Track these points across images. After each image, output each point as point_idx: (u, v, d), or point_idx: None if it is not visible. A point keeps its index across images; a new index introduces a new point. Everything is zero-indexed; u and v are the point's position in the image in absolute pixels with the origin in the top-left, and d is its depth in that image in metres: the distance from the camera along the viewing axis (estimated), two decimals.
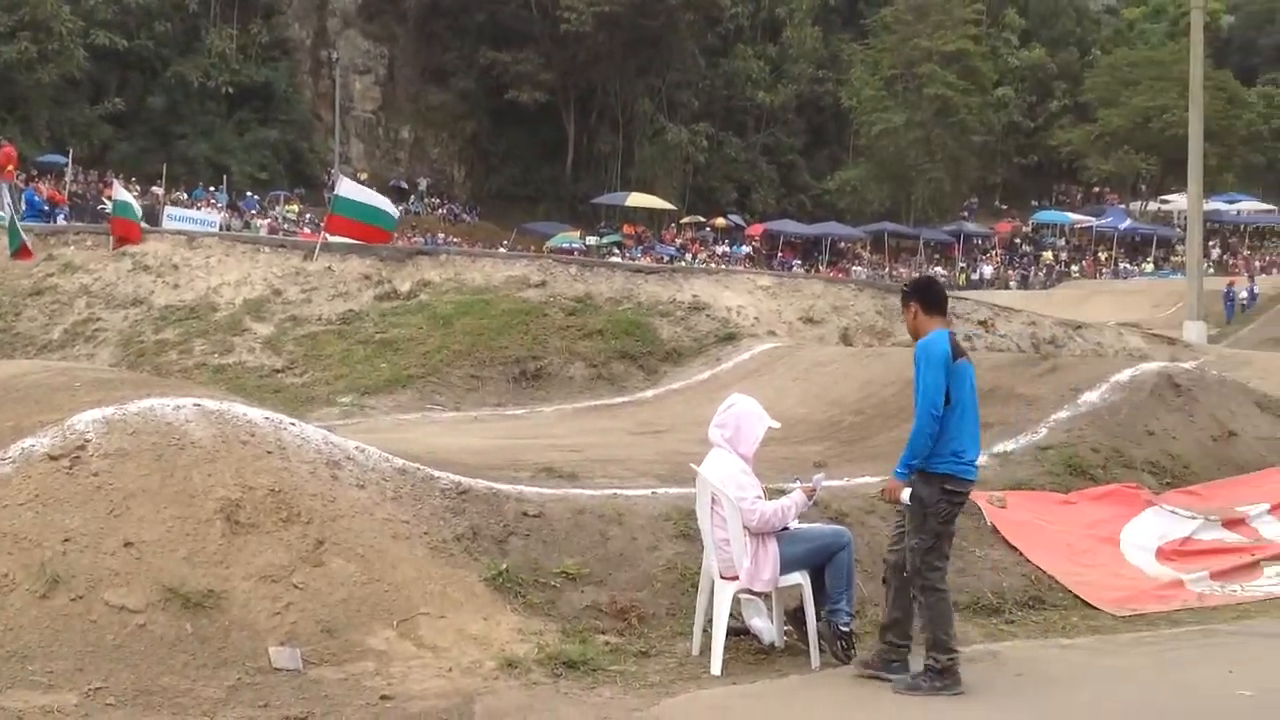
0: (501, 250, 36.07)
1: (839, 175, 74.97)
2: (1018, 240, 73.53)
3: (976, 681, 6.70)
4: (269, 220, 51.37)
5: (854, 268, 64.56)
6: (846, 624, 7.05)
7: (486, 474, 8.60)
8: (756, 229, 68.74)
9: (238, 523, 6.75)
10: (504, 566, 7.35)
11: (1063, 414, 11.17)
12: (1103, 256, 70.16)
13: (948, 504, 6.56)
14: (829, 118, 78.59)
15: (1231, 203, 73.20)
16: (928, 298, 6.96)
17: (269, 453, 7.27)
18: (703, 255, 61.40)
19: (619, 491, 8.68)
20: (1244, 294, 41.13)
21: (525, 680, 6.44)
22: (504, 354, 17.30)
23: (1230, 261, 66.17)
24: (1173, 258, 64.01)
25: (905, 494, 6.57)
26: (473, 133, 68.82)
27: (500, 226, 62.59)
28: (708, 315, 18.71)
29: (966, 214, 76.47)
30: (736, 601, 7.07)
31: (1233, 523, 9.90)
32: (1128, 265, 67.96)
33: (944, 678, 6.48)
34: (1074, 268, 67.93)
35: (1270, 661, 7.35)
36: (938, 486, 6.54)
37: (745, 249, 65.20)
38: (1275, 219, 74.02)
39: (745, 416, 7.05)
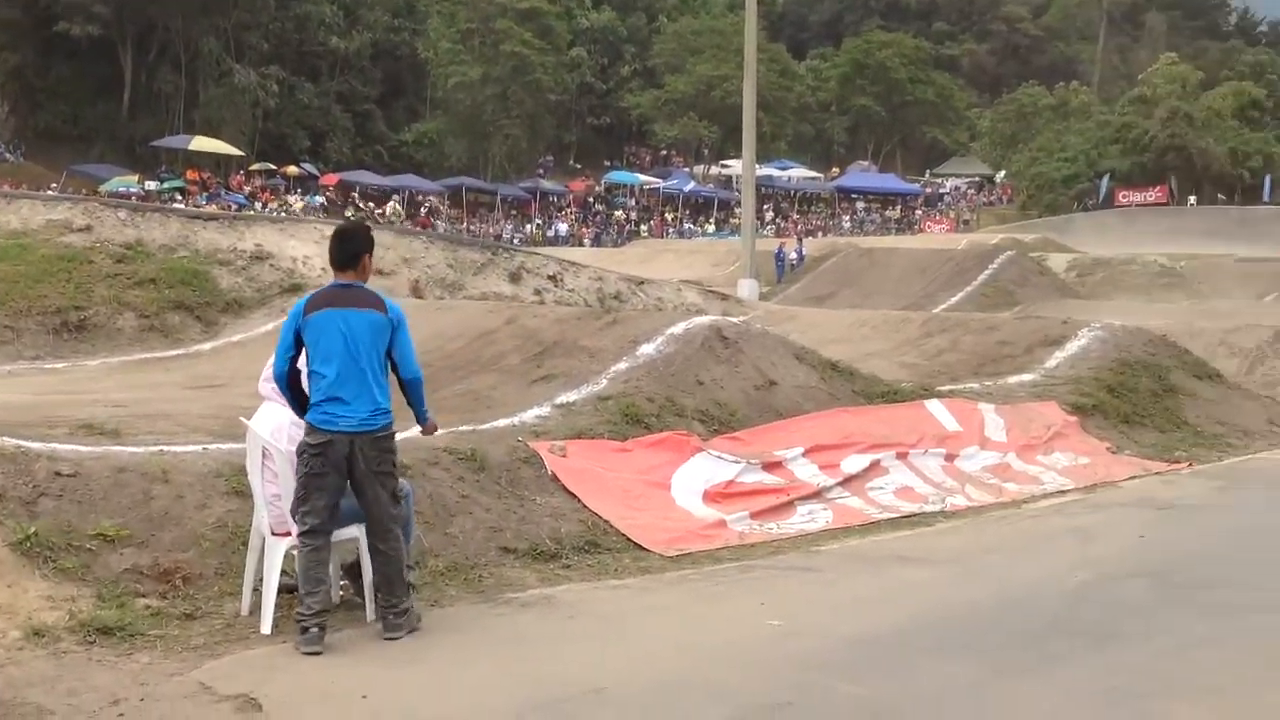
0: (48, 193, 33.17)
1: (416, 127, 74.36)
2: (591, 199, 75.74)
3: (528, 624, 6.83)
4: None
5: (435, 222, 64.36)
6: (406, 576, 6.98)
7: (16, 431, 7.90)
8: (331, 179, 67.09)
9: None
10: (32, 530, 6.79)
11: (622, 365, 11.55)
12: (669, 217, 73.51)
13: (306, 452, 6.53)
14: (406, 68, 77.68)
15: (784, 169, 78.59)
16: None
17: None
18: (274, 204, 59.26)
19: (166, 448, 8.21)
20: (793, 255, 44.10)
21: (54, 649, 6.02)
22: (42, 304, 15.97)
23: (782, 224, 71.05)
24: (732, 220, 67.86)
25: None
26: (16, 65, 62.86)
27: (48, 168, 57.87)
28: (271, 265, 18.05)
29: (542, 172, 77.96)
30: (290, 558, 6.84)
31: (771, 465, 10.59)
32: (691, 226, 71.62)
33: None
34: (643, 227, 70.77)
35: (797, 593, 7.94)
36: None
37: (319, 199, 63.49)
38: (821, 185, 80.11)
39: None
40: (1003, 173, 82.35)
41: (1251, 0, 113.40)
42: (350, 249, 6.82)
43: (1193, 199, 72.28)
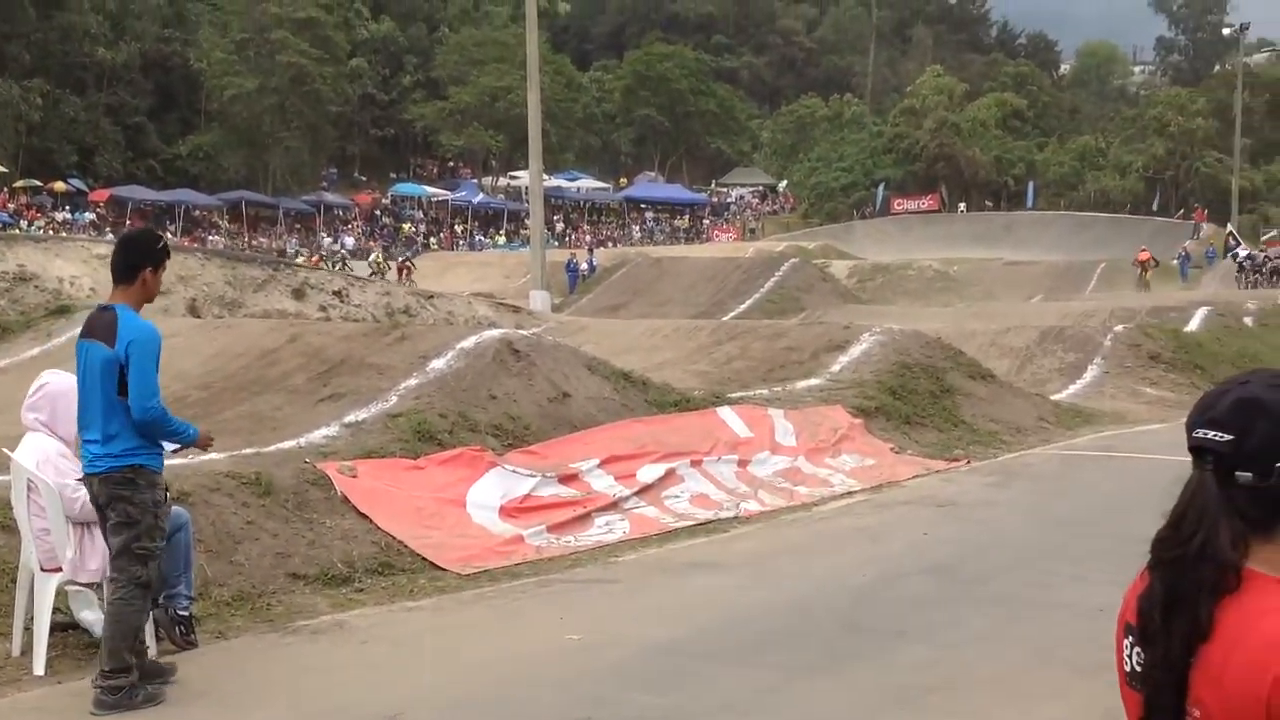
0: None
1: (191, 140, 71.92)
2: (378, 212, 74.58)
3: (320, 653, 6.63)
4: None
5: (210, 237, 62.32)
6: (185, 608, 6.71)
7: None
8: (101, 194, 64.25)
9: None
10: None
11: (412, 381, 11.35)
12: (459, 229, 72.97)
13: None
14: (178, 79, 74.99)
15: (572, 180, 78.99)
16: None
17: None
18: (40, 222, 56.40)
19: None
20: (585, 265, 44.36)
21: None
22: None
23: (572, 235, 71.35)
24: (523, 231, 67.79)
25: None
26: None
27: None
28: (36, 286, 17.12)
29: (326, 185, 76.40)
30: (62, 594, 6.47)
31: (567, 478, 10.56)
32: (482, 238, 71.23)
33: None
34: (433, 240, 70.05)
35: (596, 605, 7.92)
36: None
37: (89, 215, 60.72)
38: (610, 196, 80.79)
39: (61, 396, 6.43)
40: (784, 182, 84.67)
41: (1011, 14, 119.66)
42: (127, 260, 6.01)
43: (962, 206, 75.71)
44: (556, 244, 61.43)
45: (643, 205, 79.96)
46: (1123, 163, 74.38)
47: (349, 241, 66.18)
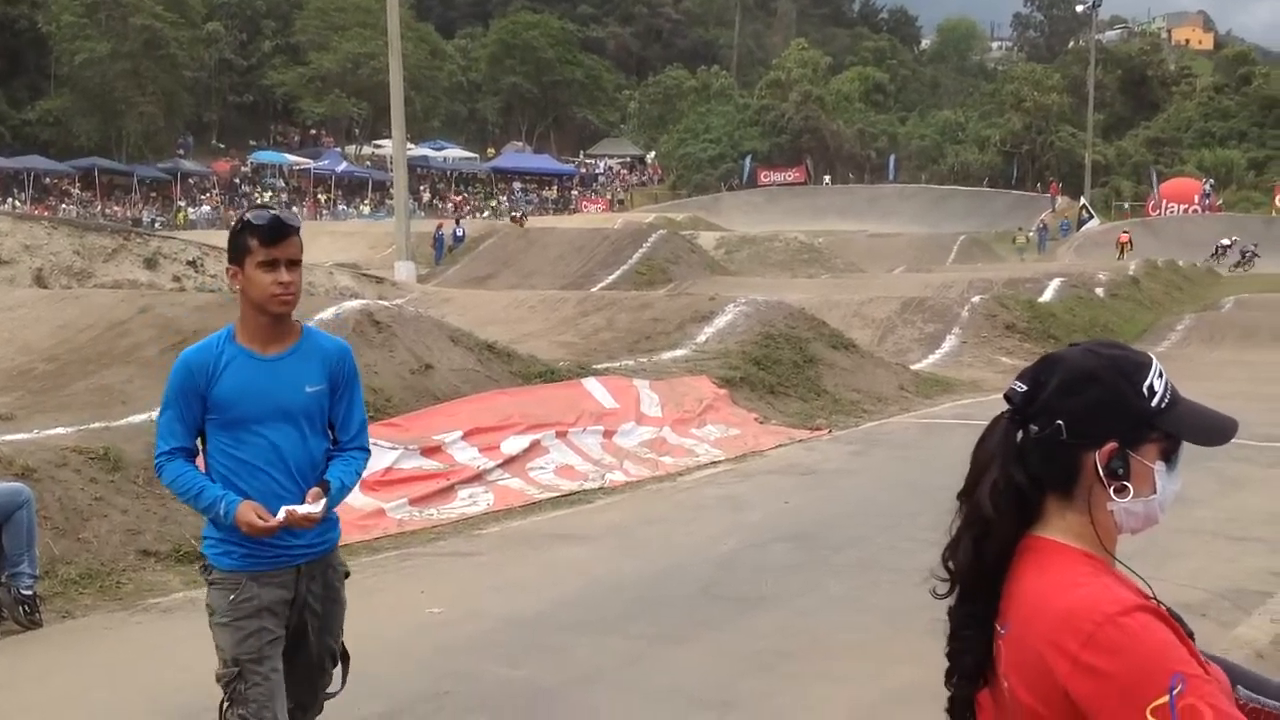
0: None
1: (40, 105, 69.25)
2: (237, 180, 72.77)
3: (171, 631, 6.45)
4: None
5: (62, 205, 60.17)
6: (29, 587, 6.52)
7: None
8: None
9: None
10: None
11: None
12: (322, 198, 71.59)
13: None
14: (26, 43, 72.06)
15: (439, 149, 77.99)
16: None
17: None
18: None
19: None
20: (452, 235, 43.81)
21: None
22: None
23: (439, 205, 70.51)
24: (388, 200, 66.80)
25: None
26: None
27: None
28: None
29: (182, 152, 74.26)
30: None
31: (430, 450, 10.43)
32: (345, 207, 69.98)
33: None
34: (295, 209, 68.58)
35: (458, 578, 7.85)
36: None
37: None
38: (478, 165, 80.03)
39: None
40: (653, 153, 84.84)
41: None
42: None
43: (828, 178, 76.71)
44: (423, 214, 60.62)
45: (511, 175, 79.40)
46: (981, 137, 76.12)
47: (206, 210, 64.49)
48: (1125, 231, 46.02)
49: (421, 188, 71.19)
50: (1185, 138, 71.53)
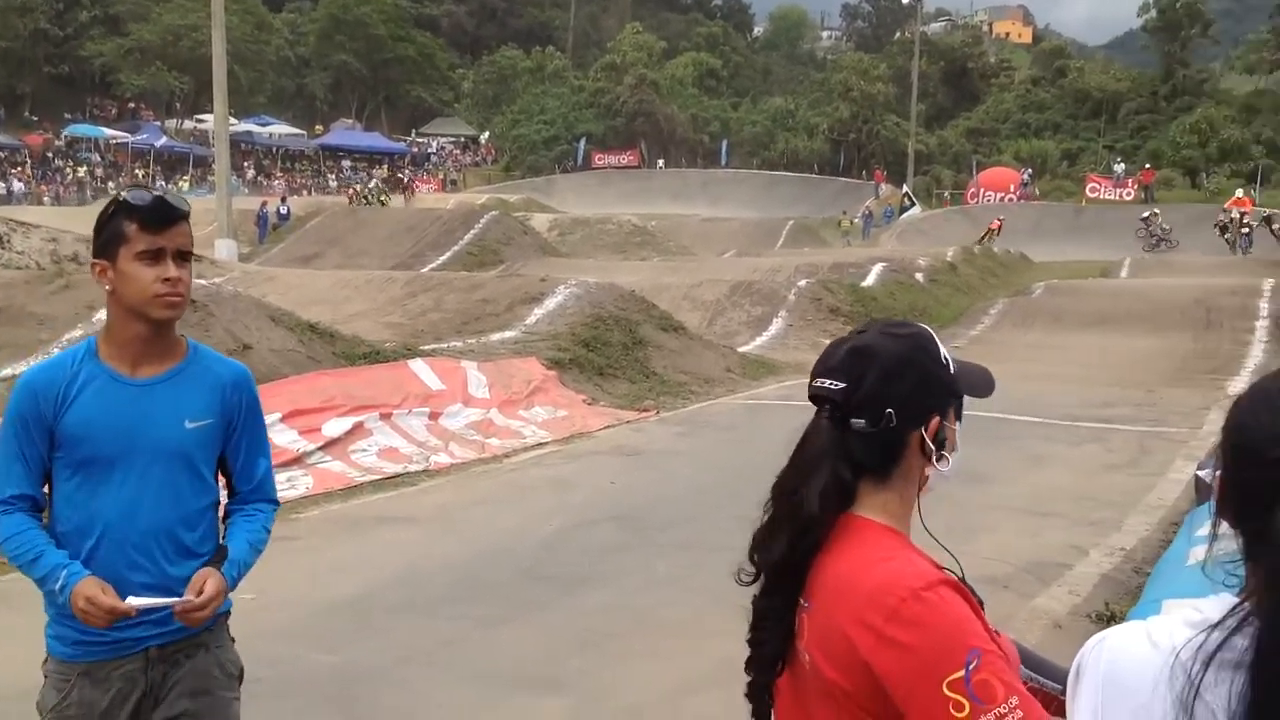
0: None
1: None
2: (50, 154, 69.67)
3: None
4: None
5: None
6: None
7: None
8: None
9: None
10: None
11: (77, 332, 10.77)
12: (140, 174, 69.03)
13: None
14: None
15: (264, 125, 75.95)
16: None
17: None
18: None
19: None
20: (276, 214, 42.75)
21: None
22: None
23: (265, 182, 68.73)
24: (210, 177, 64.79)
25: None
26: None
27: None
28: None
29: None
30: None
31: None
32: (164, 183, 67.62)
33: None
34: (111, 184, 66.02)
35: (274, 563, 7.57)
36: None
37: None
38: (304, 142, 78.21)
39: None
40: (487, 134, 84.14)
41: None
42: None
43: (661, 162, 77.19)
44: (247, 191, 59.02)
45: (340, 153, 77.83)
46: (811, 124, 77.48)
47: (18, 186, 61.64)
48: (999, 219, 47.43)
49: (246, 164, 69.28)
50: (1003, 128, 73.97)
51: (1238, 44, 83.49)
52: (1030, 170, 61.46)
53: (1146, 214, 44.84)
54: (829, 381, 1.93)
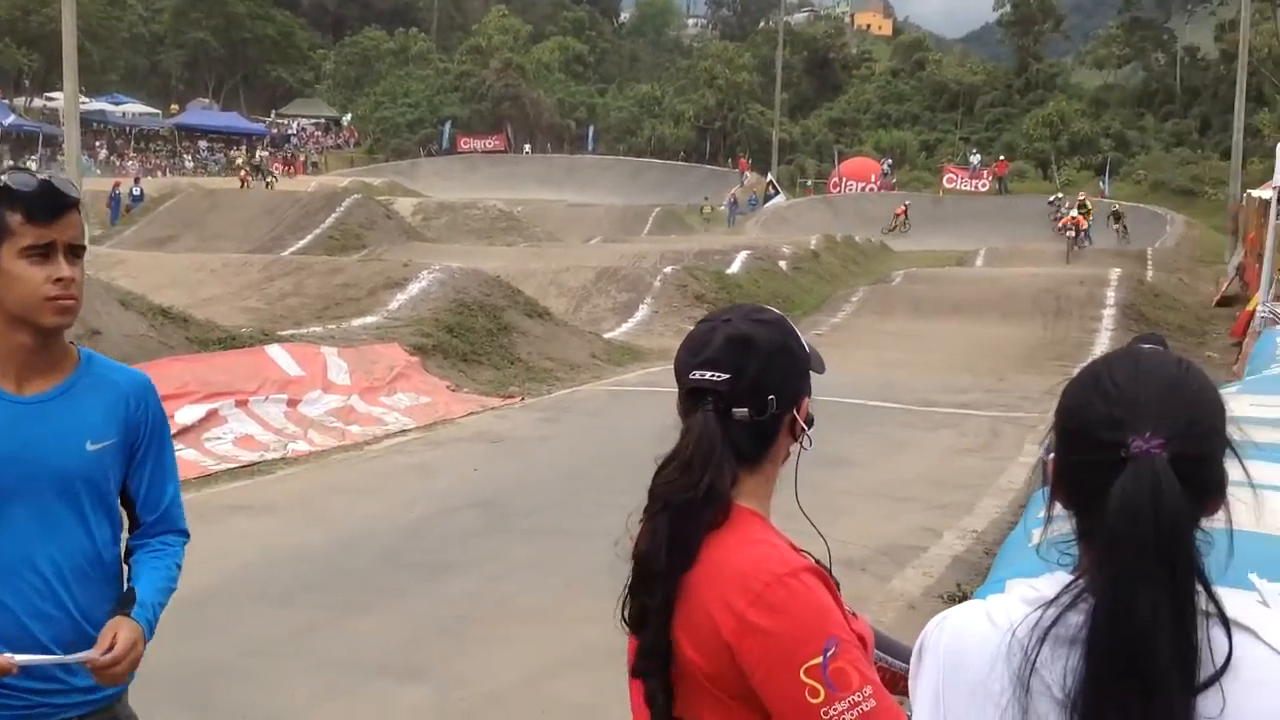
0: None
1: None
2: None
3: None
4: None
5: None
6: None
7: None
8: None
9: None
10: None
11: None
12: None
13: None
14: None
15: (118, 104, 73.63)
16: None
17: None
18: None
19: None
20: (129, 195, 41.47)
21: None
22: None
23: (118, 162, 66.64)
24: (60, 157, 62.54)
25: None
26: None
27: None
28: None
29: None
30: None
31: None
32: (13, 163, 65.15)
33: None
34: None
35: None
36: None
37: None
38: (159, 122, 76.01)
39: None
40: (349, 116, 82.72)
41: None
42: None
43: (528, 147, 76.79)
44: (99, 171, 57.15)
45: (196, 133, 75.78)
46: (677, 111, 77.82)
47: None
48: (904, 204, 48.09)
49: (98, 144, 67.08)
50: (864, 119, 75.26)
51: (1088, 39, 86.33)
52: (890, 160, 62.68)
53: (1052, 198, 46.36)
54: (711, 373, 1.90)
